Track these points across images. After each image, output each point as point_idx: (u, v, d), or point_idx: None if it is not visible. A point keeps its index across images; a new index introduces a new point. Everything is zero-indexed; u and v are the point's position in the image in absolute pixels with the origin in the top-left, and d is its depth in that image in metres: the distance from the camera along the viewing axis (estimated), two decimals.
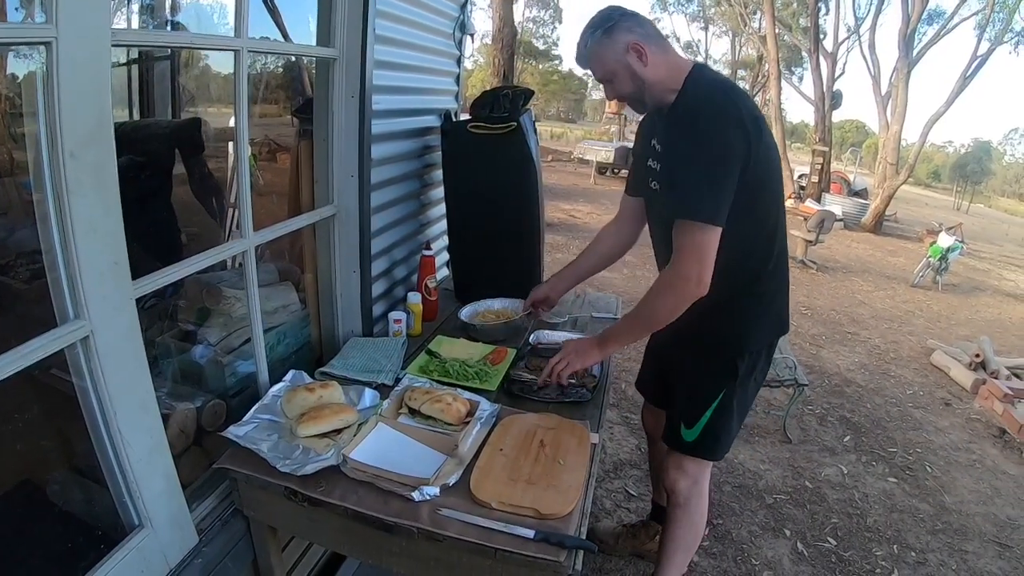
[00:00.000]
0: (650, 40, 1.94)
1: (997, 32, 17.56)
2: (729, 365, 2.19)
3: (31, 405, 2.06)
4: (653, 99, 2.01)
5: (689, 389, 2.30)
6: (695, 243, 1.87)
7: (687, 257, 1.88)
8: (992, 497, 3.99)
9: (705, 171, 1.84)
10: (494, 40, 12.20)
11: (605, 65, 1.97)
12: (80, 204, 1.25)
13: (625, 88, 2.00)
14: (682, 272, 1.89)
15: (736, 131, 1.84)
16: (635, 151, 2.39)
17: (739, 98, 1.94)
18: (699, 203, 1.84)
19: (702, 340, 2.20)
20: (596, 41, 1.95)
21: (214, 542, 1.77)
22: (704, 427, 2.24)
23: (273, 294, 2.42)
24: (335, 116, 2.30)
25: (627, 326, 2.17)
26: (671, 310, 1.97)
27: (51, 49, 1.14)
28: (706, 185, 1.84)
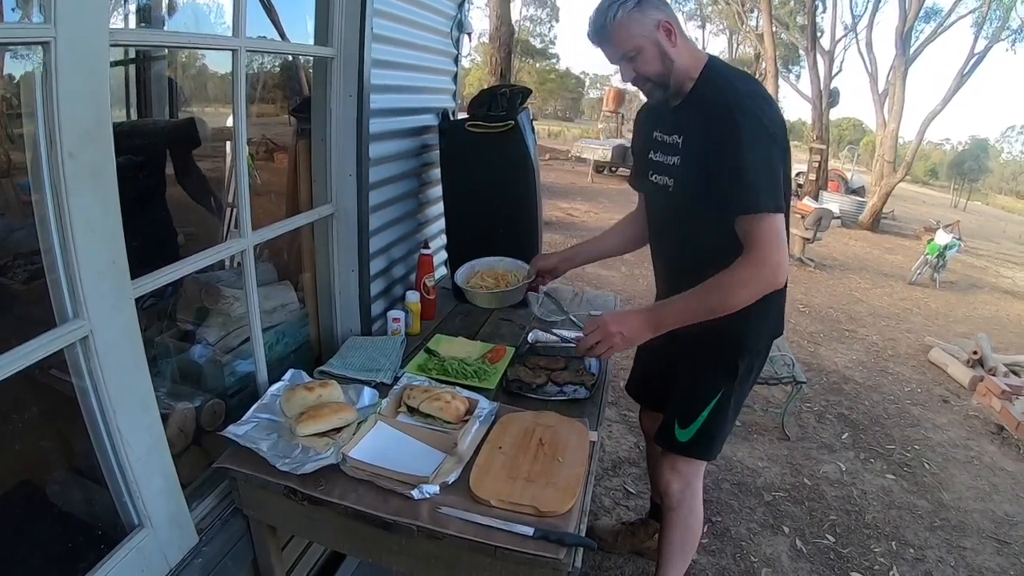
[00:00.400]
0: (676, 23, 1.90)
1: (994, 29, 17.57)
2: (729, 365, 2.17)
3: (30, 405, 2.05)
4: (675, 84, 1.94)
5: (685, 389, 2.27)
6: (773, 231, 1.82)
7: (770, 246, 1.81)
8: (990, 493, 4.01)
9: (762, 160, 1.80)
10: (491, 39, 12.21)
11: (631, 39, 1.87)
12: (79, 204, 1.25)
13: (652, 67, 1.91)
14: (768, 261, 1.82)
15: (776, 118, 1.84)
16: (635, 145, 2.33)
17: (769, 96, 1.95)
18: (766, 193, 1.80)
19: (702, 339, 2.09)
20: (626, 13, 1.84)
21: (214, 541, 1.77)
22: (700, 427, 2.21)
23: (272, 293, 2.42)
24: (333, 115, 2.30)
25: (690, 308, 1.93)
26: (746, 300, 1.87)
27: (49, 49, 1.14)
28: (766, 174, 1.80)
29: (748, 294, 1.86)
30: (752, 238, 1.82)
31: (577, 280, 7.49)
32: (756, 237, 1.82)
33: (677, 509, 2.36)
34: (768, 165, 1.81)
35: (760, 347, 2.24)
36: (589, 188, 16.88)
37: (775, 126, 1.83)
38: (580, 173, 19.18)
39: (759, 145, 1.80)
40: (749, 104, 1.82)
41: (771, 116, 1.83)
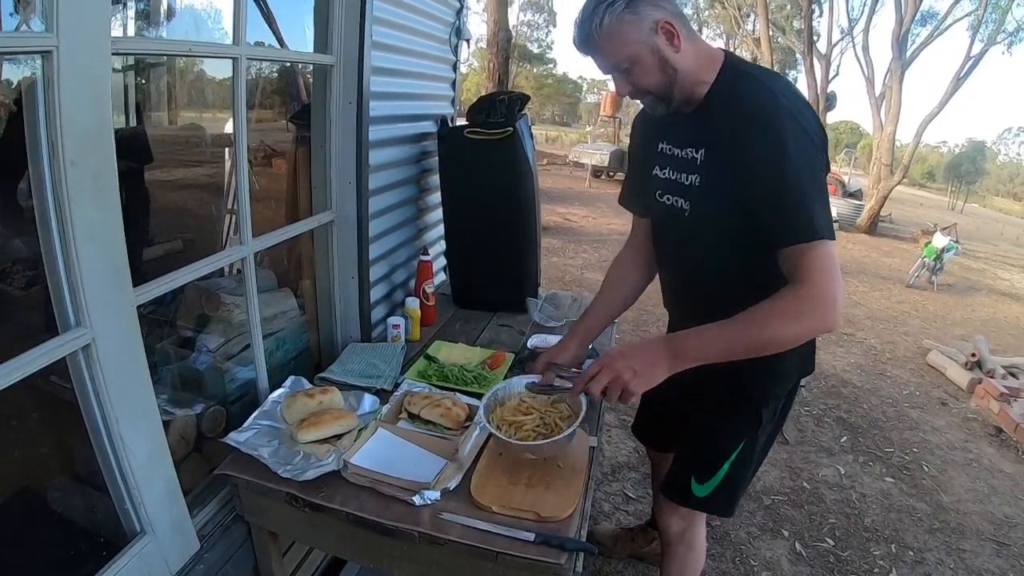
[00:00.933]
0: (679, 19, 1.58)
1: (990, 33, 17.58)
2: (752, 414, 1.92)
3: (31, 412, 2.06)
4: (682, 94, 1.65)
5: (702, 439, 2.03)
6: (829, 262, 1.53)
7: (826, 279, 1.52)
8: (989, 496, 4.01)
9: (811, 177, 1.52)
10: (489, 44, 12.22)
11: (625, 48, 1.56)
12: (80, 211, 1.26)
13: (650, 79, 1.61)
14: (826, 296, 1.52)
15: (817, 135, 1.56)
16: (633, 158, 2.04)
17: (800, 94, 1.66)
18: (819, 219, 1.52)
19: (723, 383, 1.86)
20: (616, 17, 1.53)
21: (215, 548, 1.77)
22: (720, 482, 1.97)
23: (272, 300, 2.43)
24: (333, 122, 2.31)
25: (721, 343, 1.58)
26: (793, 339, 1.57)
27: (51, 58, 1.15)
28: (818, 194, 1.53)
29: (797, 331, 1.56)
30: (806, 270, 1.52)
31: (576, 286, 7.50)
32: (811, 268, 1.52)
33: (675, 546, 2.20)
34: (818, 183, 1.54)
35: (788, 391, 1.98)
36: (587, 192, 16.90)
37: (819, 136, 1.57)
38: (578, 178, 19.21)
39: (807, 160, 1.52)
40: (790, 109, 1.54)
41: (815, 124, 1.57)
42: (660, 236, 1.99)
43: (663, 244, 1.99)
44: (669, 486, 2.11)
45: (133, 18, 3.52)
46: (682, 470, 2.06)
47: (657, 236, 2.00)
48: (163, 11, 3.66)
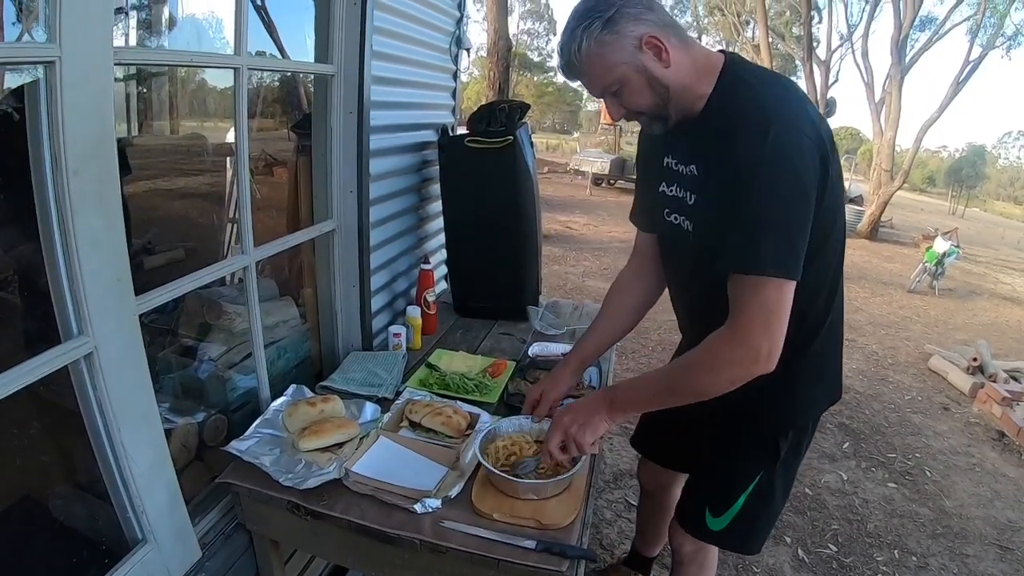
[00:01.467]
0: (667, 30, 1.44)
1: (989, 37, 17.65)
2: (768, 444, 1.80)
3: (32, 420, 2.06)
4: (679, 111, 1.52)
5: (715, 467, 1.93)
6: (765, 305, 1.39)
7: (754, 323, 1.41)
8: (992, 500, 4.01)
9: (778, 209, 1.38)
10: (489, 53, 12.23)
11: (611, 72, 1.45)
12: (83, 220, 1.26)
13: (642, 101, 1.50)
14: (748, 342, 1.41)
15: (814, 152, 1.39)
16: (641, 173, 1.91)
17: (807, 103, 1.48)
18: (770, 252, 1.37)
19: (738, 410, 1.69)
20: (595, 40, 1.41)
21: (217, 556, 1.78)
22: (736, 515, 1.85)
23: (273, 309, 2.43)
24: (334, 132, 2.31)
25: (651, 392, 1.64)
26: (721, 388, 1.48)
27: (54, 68, 1.15)
28: (780, 227, 1.38)
29: (723, 379, 1.47)
30: (736, 306, 1.44)
31: (577, 294, 7.50)
32: (740, 306, 1.43)
33: (687, 566, 2.09)
34: (785, 213, 1.38)
35: (809, 421, 1.85)
36: (588, 200, 16.91)
37: (810, 153, 1.38)
38: (579, 186, 19.23)
39: (779, 182, 1.37)
40: (775, 119, 1.37)
41: (806, 138, 1.38)
42: (667, 255, 1.87)
43: (670, 264, 1.87)
44: (682, 515, 2.03)
45: (135, 28, 3.54)
46: (695, 501, 1.98)
47: (664, 254, 1.88)
48: (165, 21, 3.68)
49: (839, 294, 1.70)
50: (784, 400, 1.73)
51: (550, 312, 3.02)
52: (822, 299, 1.64)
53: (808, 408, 1.82)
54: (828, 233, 1.53)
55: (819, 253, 1.50)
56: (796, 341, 1.51)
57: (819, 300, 1.63)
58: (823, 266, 1.57)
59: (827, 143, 1.43)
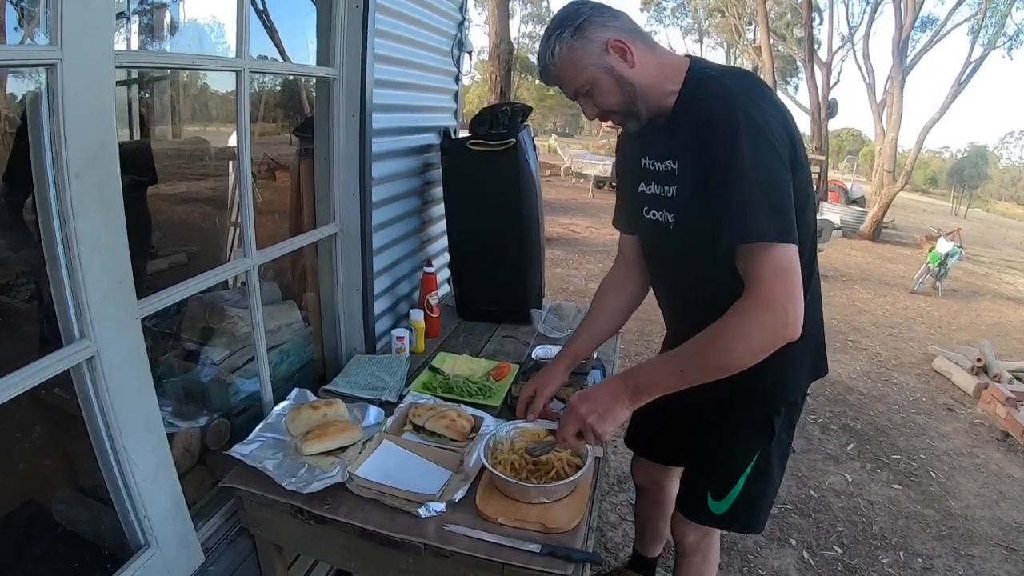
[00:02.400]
0: (632, 35, 1.58)
1: (990, 37, 17.65)
2: (763, 423, 1.84)
3: (34, 424, 2.06)
4: (649, 107, 1.63)
5: (713, 453, 1.95)
6: (780, 267, 1.45)
7: (774, 287, 1.45)
8: (997, 501, 3.99)
9: (763, 174, 1.45)
10: (491, 57, 12.25)
11: (582, 73, 1.59)
12: (84, 224, 1.26)
13: (611, 99, 1.62)
14: (774, 306, 1.44)
15: (782, 131, 1.50)
16: (620, 176, 2.00)
17: (769, 92, 1.59)
18: (768, 219, 1.45)
19: (728, 392, 1.69)
20: (566, 45, 1.56)
21: (220, 561, 1.77)
22: (738, 497, 1.89)
23: (276, 312, 2.43)
24: (336, 135, 2.31)
25: (676, 370, 1.59)
26: (752, 357, 1.49)
27: (55, 71, 1.15)
28: (771, 196, 1.46)
29: (750, 350, 1.49)
30: (751, 276, 1.48)
31: (580, 296, 7.50)
32: (756, 274, 1.47)
33: (690, 557, 2.15)
34: (770, 180, 1.46)
35: (798, 396, 1.91)
36: (590, 204, 16.90)
37: (779, 131, 1.49)
38: (581, 188, 19.22)
39: (759, 155, 1.45)
40: (744, 104, 1.48)
41: (774, 119, 1.49)
42: (650, 252, 1.95)
43: (654, 260, 1.95)
44: (684, 503, 2.06)
45: (137, 33, 3.54)
46: (696, 486, 2.00)
47: (647, 252, 1.97)
48: (167, 26, 3.68)
49: (815, 271, 1.76)
50: (774, 379, 1.76)
51: (553, 315, 3.02)
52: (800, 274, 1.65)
53: (796, 384, 1.87)
54: (802, 209, 1.58)
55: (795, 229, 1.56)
56: None
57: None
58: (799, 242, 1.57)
59: (792, 126, 1.54)
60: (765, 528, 2.04)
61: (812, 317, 1.69)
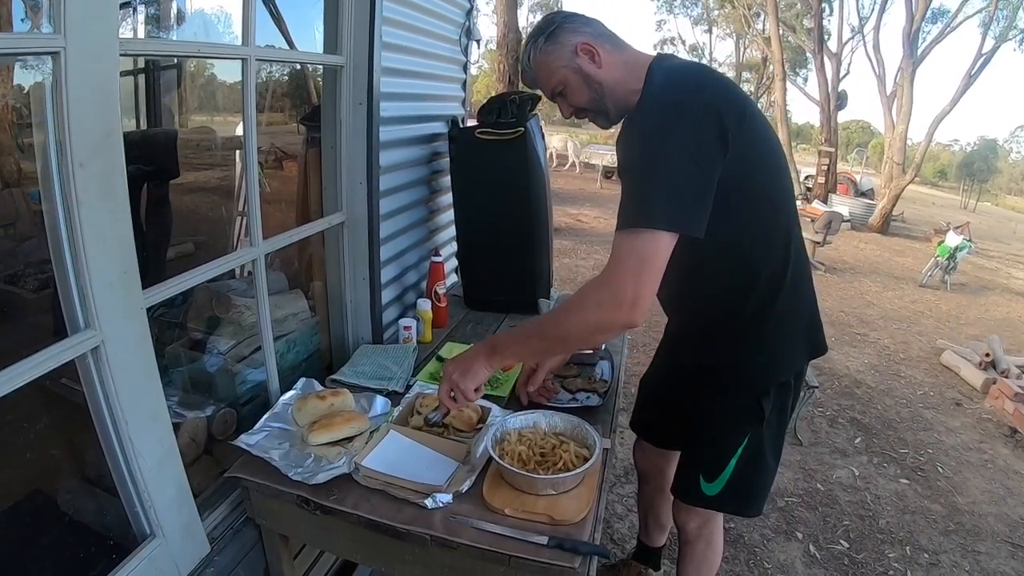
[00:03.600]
0: (601, 39, 1.71)
1: (1002, 29, 17.51)
2: (752, 405, 1.87)
3: (40, 414, 2.06)
4: (617, 105, 1.73)
5: (703, 435, 2.01)
6: (636, 253, 1.48)
7: (623, 269, 1.49)
8: (1004, 497, 3.98)
9: (654, 168, 1.50)
10: (499, 45, 12.21)
11: (554, 74, 1.72)
12: (89, 214, 1.25)
13: (581, 97, 1.74)
14: (614, 286, 1.50)
15: (704, 118, 1.50)
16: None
17: (708, 79, 1.63)
18: (645, 205, 1.49)
19: (716, 375, 1.86)
20: (539, 50, 1.71)
21: (226, 551, 1.77)
22: (729, 479, 1.94)
23: (282, 302, 2.42)
24: (343, 123, 2.30)
25: (524, 338, 1.76)
26: (589, 333, 1.60)
27: (59, 59, 1.14)
28: (657, 184, 1.49)
29: (590, 322, 1.56)
30: (612, 255, 1.53)
31: None
32: (615, 254, 1.52)
33: (694, 543, 2.20)
34: (657, 172, 1.50)
35: (790, 377, 1.91)
36: (598, 194, 16.87)
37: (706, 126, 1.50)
38: (588, 179, 19.20)
39: (651, 148, 1.50)
40: (659, 100, 1.57)
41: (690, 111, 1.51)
42: None
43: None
44: (678, 486, 2.11)
45: (143, 23, 3.52)
46: (688, 469, 2.06)
47: None
48: (173, 15, 3.66)
49: (796, 251, 1.78)
50: (759, 360, 1.83)
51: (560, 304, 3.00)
52: (775, 254, 1.74)
53: (786, 366, 1.89)
54: (752, 195, 1.65)
55: (754, 207, 1.66)
56: (758, 298, 1.75)
57: (772, 255, 1.74)
58: (764, 220, 1.71)
59: (728, 113, 1.53)
60: (772, 521, 2.05)
61: (799, 297, 1.83)
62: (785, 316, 1.79)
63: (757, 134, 1.63)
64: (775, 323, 1.79)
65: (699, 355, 1.84)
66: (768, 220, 1.73)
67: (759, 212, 1.70)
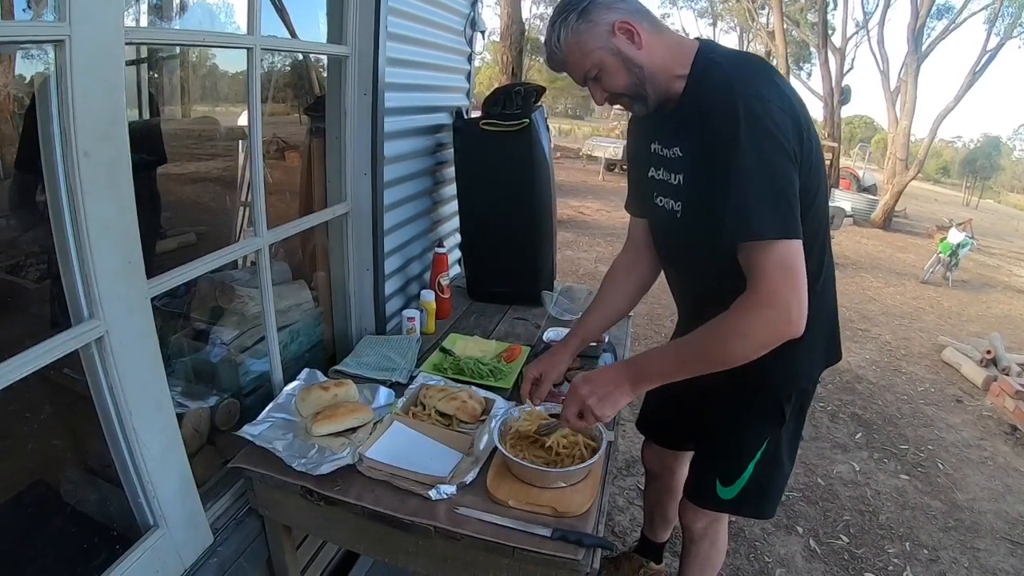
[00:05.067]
0: (639, 16, 1.55)
1: (1006, 26, 17.49)
2: (773, 410, 1.84)
3: (43, 404, 2.06)
4: (657, 91, 1.60)
5: (722, 439, 1.96)
6: (784, 264, 1.43)
7: (778, 284, 1.43)
8: (1004, 494, 3.98)
9: (767, 172, 1.43)
10: (502, 37, 12.20)
11: (588, 57, 1.56)
12: (94, 203, 1.25)
13: (619, 82, 1.58)
14: (777, 303, 1.43)
15: (786, 119, 1.45)
16: (630, 159, 1.96)
17: (778, 77, 1.55)
18: (771, 214, 1.43)
19: (738, 380, 1.67)
20: (572, 30, 1.54)
21: (229, 541, 1.77)
22: (747, 483, 1.90)
23: (286, 292, 2.42)
24: (348, 114, 2.29)
25: (678, 361, 1.60)
26: (754, 353, 1.49)
27: (64, 48, 1.14)
28: (774, 189, 1.43)
29: (752, 345, 1.48)
30: (754, 272, 1.47)
31: (590, 280, 7.48)
32: (759, 271, 1.46)
33: (699, 543, 2.18)
34: (772, 175, 1.44)
35: (810, 383, 1.90)
36: (600, 186, 16.88)
37: (783, 120, 1.45)
38: (591, 171, 19.20)
39: (760, 148, 1.43)
40: (744, 93, 1.45)
41: (777, 108, 1.45)
42: (659, 239, 1.93)
43: (663, 247, 1.94)
44: (693, 490, 2.07)
45: (147, 13, 3.52)
46: (705, 473, 2.02)
47: (657, 238, 1.95)
48: (176, 5, 3.66)
49: (828, 257, 1.75)
50: (784, 366, 1.71)
51: (564, 297, 3.00)
52: (812, 262, 1.61)
53: (808, 371, 1.86)
54: (813, 197, 1.58)
55: (805, 216, 1.52)
56: None
57: (809, 263, 1.59)
58: (809, 229, 1.57)
59: (799, 112, 1.49)
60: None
61: (825, 304, 1.79)
62: (813, 322, 1.64)
63: (815, 135, 1.56)
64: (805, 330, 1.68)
65: None
66: (811, 227, 1.61)
67: (813, 217, 1.61)
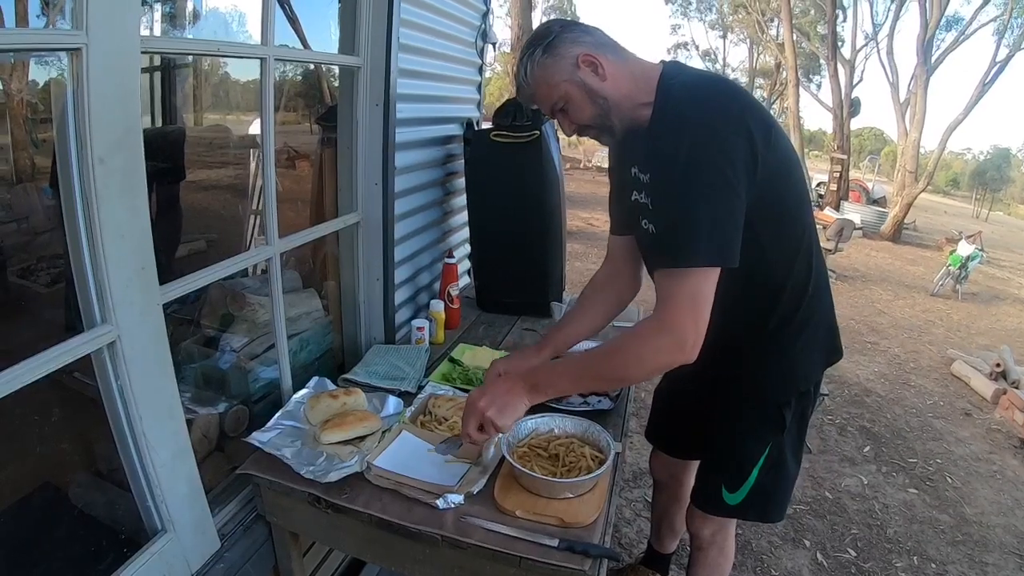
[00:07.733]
0: (603, 49, 1.60)
1: (1016, 38, 17.43)
2: (773, 414, 1.87)
3: (53, 408, 2.07)
4: (622, 120, 1.64)
5: (726, 446, 1.98)
6: (691, 293, 1.47)
7: (682, 312, 1.47)
8: (1013, 508, 3.96)
9: (699, 202, 1.46)
10: (513, 49, 12.26)
11: (555, 90, 1.60)
12: (108, 209, 1.26)
13: (585, 113, 1.63)
14: (676, 331, 1.47)
15: (738, 141, 1.47)
16: (613, 181, 2.02)
17: (733, 93, 1.58)
18: (695, 243, 1.45)
19: (738, 386, 1.85)
20: (538, 64, 1.59)
21: (236, 547, 1.77)
22: (752, 488, 1.92)
23: (296, 301, 2.43)
24: (359, 124, 2.31)
25: (574, 377, 1.67)
26: (650, 374, 1.61)
27: (81, 56, 1.15)
28: (703, 219, 1.46)
29: (647, 369, 1.57)
30: (664, 295, 1.51)
31: None
32: (668, 295, 1.50)
33: (706, 550, 2.18)
34: (707, 207, 1.46)
35: (810, 385, 1.92)
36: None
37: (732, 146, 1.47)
38: (601, 183, 19.18)
39: (700, 175, 1.46)
40: (693, 120, 1.49)
41: (724, 134, 1.47)
42: (646, 259, 1.91)
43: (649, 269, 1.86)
44: (699, 496, 2.08)
45: (160, 22, 3.55)
46: (710, 479, 2.03)
47: (644, 258, 1.94)
48: (189, 15, 3.69)
49: (817, 261, 1.79)
50: (781, 370, 1.82)
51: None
52: (799, 268, 1.73)
53: (806, 375, 1.89)
54: (780, 213, 1.64)
55: (780, 225, 1.64)
56: (781, 312, 1.75)
57: (796, 269, 1.73)
58: (789, 237, 1.69)
59: (755, 125, 1.50)
60: (780, 528, 2.06)
61: (820, 307, 1.84)
62: (807, 326, 1.78)
63: (781, 148, 1.59)
64: (797, 334, 1.79)
65: (720, 367, 1.75)
66: (792, 235, 1.71)
67: (784, 228, 1.68)
